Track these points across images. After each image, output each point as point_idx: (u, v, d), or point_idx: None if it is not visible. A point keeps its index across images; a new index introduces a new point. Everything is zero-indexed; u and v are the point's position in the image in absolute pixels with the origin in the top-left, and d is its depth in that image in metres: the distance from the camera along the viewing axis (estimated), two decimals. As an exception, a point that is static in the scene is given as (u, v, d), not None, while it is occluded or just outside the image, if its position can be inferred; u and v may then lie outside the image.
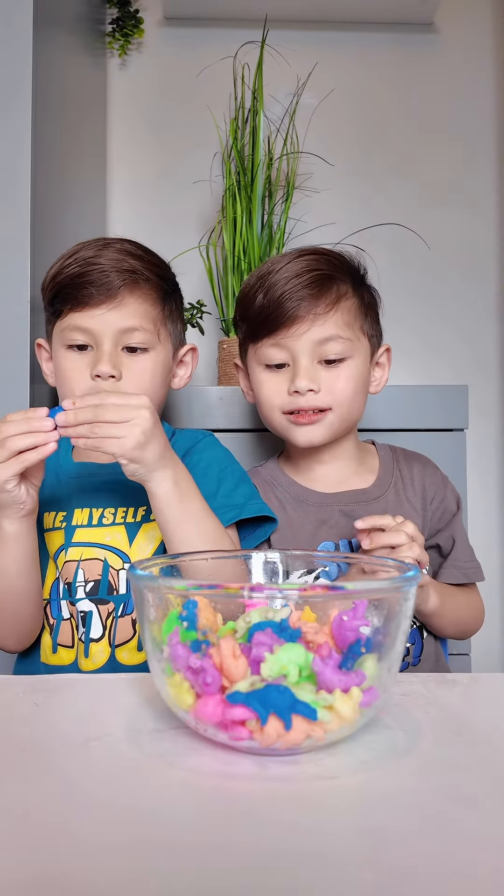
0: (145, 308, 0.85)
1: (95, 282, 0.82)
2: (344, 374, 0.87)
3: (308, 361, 0.86)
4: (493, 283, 1.69)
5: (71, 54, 1.34)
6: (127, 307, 0.84)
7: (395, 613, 0.46)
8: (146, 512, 0.86)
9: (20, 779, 0.42)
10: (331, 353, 0.86)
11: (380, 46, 1.67)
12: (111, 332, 0.83)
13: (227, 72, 1.45)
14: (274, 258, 0.91)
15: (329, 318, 0.86)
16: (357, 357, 0.89)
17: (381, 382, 0.96)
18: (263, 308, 0.87)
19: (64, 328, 0.85)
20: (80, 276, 0.83)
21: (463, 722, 0.51)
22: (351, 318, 0.88)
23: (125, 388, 0.83)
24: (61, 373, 0.85)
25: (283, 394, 0.88)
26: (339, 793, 0.40)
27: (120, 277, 0.83)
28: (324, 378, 0.87)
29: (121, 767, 0.43)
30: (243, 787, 0.41)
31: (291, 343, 0.86)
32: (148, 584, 0.47)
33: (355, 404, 0.90)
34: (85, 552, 0.84)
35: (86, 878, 0.32)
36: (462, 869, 0.33)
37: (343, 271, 0.90)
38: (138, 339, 0.84)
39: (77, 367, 0.84)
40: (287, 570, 0.62)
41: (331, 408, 0.87)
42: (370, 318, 0.92)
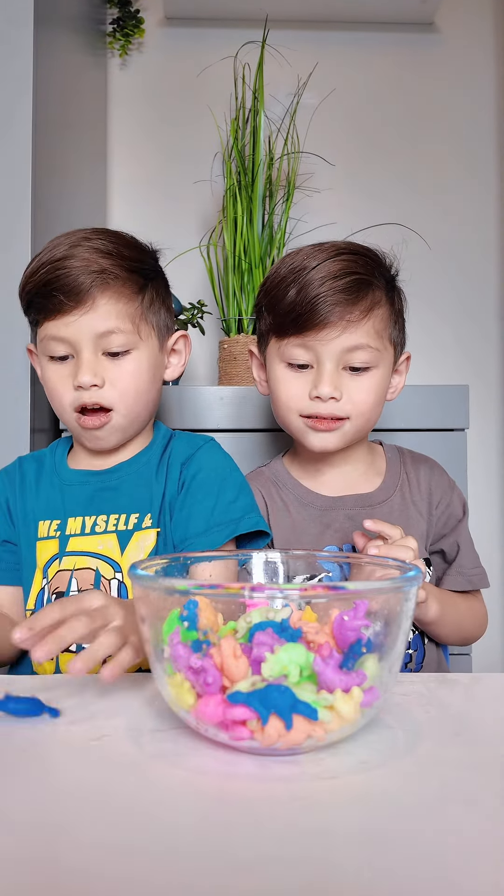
0: (119, 307, 0.81)
1: (63, 287, 0.79)
2: (367, 384, 0.85)
3: (333, 367, 0.84)
4: (493, 283, 1.69)
5: (71, 54, 1.34)
6: (99, 310, 0.80)
7: (396, 613, 0.46)
8: (138, 520, 0.83)
9: (21, 778, 0.42)
10: (357, 362, 0.84)
11: (380, 46, 1.67)
12: (88, 337, 0.80)
13: (228, 72, 1.45)
14: (307, 250, 0.86)
15: (361, 326, 0.83)
16: (382, 367, 0.86)
17: (397, 389, 0.93)
18: (295, 305, 0.83)
19: (42, 338, 0.82)
20: (48, 283, 0.79)
21: (463, 722, 0.51)
22: (382, 326, 0.86)
23: (109, 395, 0.81)
24: (46, 384, 0.84)
25: (304, 397, 0.85)
26: (340, 792, 0.40)
27: (89, 279, 0.79)
28: (347, 386, 0.84)
29: (121, 767, 0.43)
30: (244, 787, 0.41)
31: (319, 346, 0.83)
32: (149, 584, 0.47)
33: (374, 414, 0.88)
34: (78, 561, 0.82)
35: (86, 877, 0.32)
36: (462, 869, 0.33)
37: (379, 274, 0.86)
38: (118, 343, 0.81)
39: (59, 377, 0.82)
40: (288, 571, 0.62)
41: (349, 417, 0.85)
42: (398, 326, 0.90)
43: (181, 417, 1.16)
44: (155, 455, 0.88)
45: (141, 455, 0.88)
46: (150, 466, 0.87)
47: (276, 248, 1.35)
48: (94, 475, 0.86)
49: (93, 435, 0.83)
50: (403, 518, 0.91)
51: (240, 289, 1.33)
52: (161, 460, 0.88)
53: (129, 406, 0.83)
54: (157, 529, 0.83)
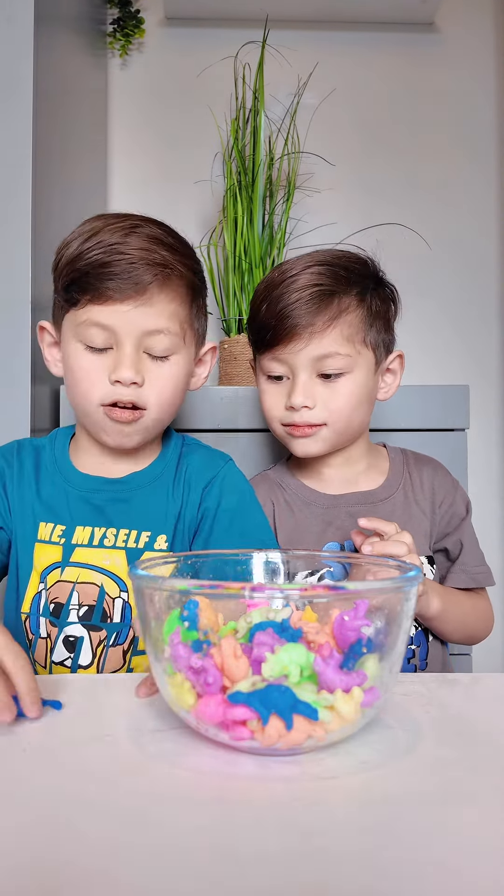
0: (174, 308, 0.77)
1: (122, 274, 0.73)
2: (342, 390, 0.87)
3: (306, 377, 0.86)
4: (494, 282, 1.68)
5: (72, 54, 1.34)
6: (155, 306, 0.75)
7: (397, 613, 0.46)
8: (150, 538, 0.80)
9: (22, 778, 0.42)
10: (329, 369, 0.86)
11: (381, 46, 1.67)
12: (135, 332, 0.75)
13: (228, 72, 1.45)
14: (291, 262, 0.89)
15: (327, 334, 0.85)
16: (357, 371, 0.87)
17: (391, 389, 0.94)
18: (265, 321, 0.87)
19: (81, 322, 0.76)
20: (104, 264, 0.73)
21: (464, 722, 0.51)
22: (352, 331, 0.86)
23: (146, 396, 0.76)
24: (76, 372, 0.77)
25: (281, 407, 0.89)
26: (340, 793, 0.40)
27: (151, 271, 0.74)
28: (320, 393, 0.86)
29: (122, 767, 0.43)
30: (244, 787, 0.41)
31: (290, 358, 0.86)
32: (149, 584, 0.47)
33: (354, 417, 0.89)
34: (82, 573, 0.78)
35: (87, 877, 0.32)
36: (463, 869, 0.33)
37: (349, 281, 0.87)
38: (163, 345, 0.77)
39: (95, 368, 0.76)
40: (289, 571, 0.62)
41: (326, 423, 0.87)
42: (376, 328, 0.89)
43: (182, 417, 1.16)
44: (169, 469, 0.85)
45: (154, 466, 0.85)
46: (165, 481, 0.84)
47: (277, 249, 1.35)
48: (105, 483, 0.82)
49: (120, 430, 0.78)
50: (406, 516, 0.91)
51: (240, 289, 1.33)
52: (176, 476, 0.84)
53: (163, 410, 0.79)
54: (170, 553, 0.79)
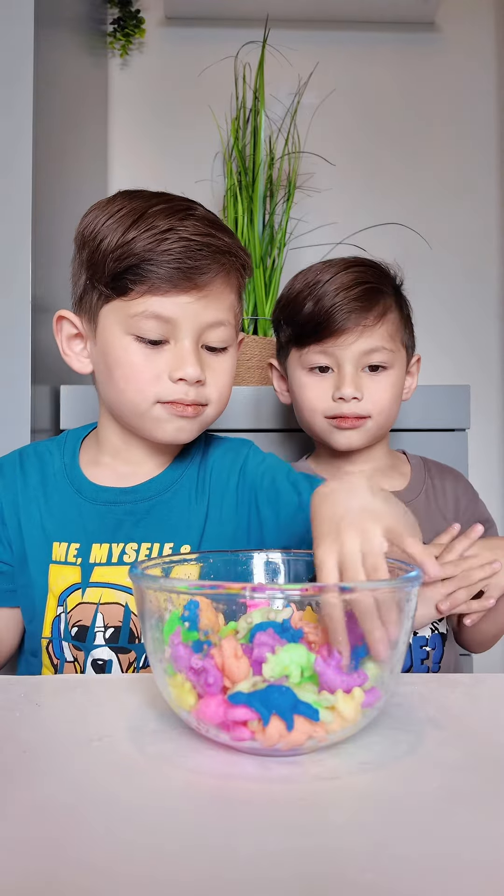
0: (233, 299, 0.73)
1: (184, 261, 0.67)
2: (385, 384, 0.91)
3: (353, 370, 0.89)
4: (495, 283, 1.68)
5: (72, 54, 1.34)
6: (217, 297, 0.71)
7: (398, 614, 0.46)
8: (173, 550, 0.74)
9: (22, 779, 0.42)
10: (375, 362, 0.90)
11: (381, 46, 1.67)
12: (196, 326, 0.70)
13: (229, 72, 1.45)
14: (318, 266, 0.93)
15: (376, 330, 0.89)
16: (397, 367, 0.92)
17: (410, 390, 0.99)
18: (313, 316, 0.89)
19: (135, 314, 0.69)
20: (167, 252, 0.67)
21: (465, 723, 0.51)
22: (394, 330, 0.92)
23: (209, 394, 0.73)
24: (128, 369, 0.71)
25: (327, 399, 0.91)
26: (341, 793, 0.40)
27: (217, 261, 0.69)
28: (366, 386, 0.90)
29: (123, 768, 0.43)
30: (245, 788, 0.41)
31: (338, 351, 0.89)
32: (149, 585, 0.47)
33: (392, 412, 0.93)
34: (104, 594, 0.72)
35: (87, 878, 0.32)
36: (464, 869, 0.33)
37: (387, 283, 0.93)
38: (221, 338, 0.72)
39: (151, 365, 0.70)
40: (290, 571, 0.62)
41: (370, 415, 0.90)
42: (408, 330, 0.96)
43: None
44: (190, 470, 0.79)
45: (172, 470, 0.78)
46: (187, 486, 0.77)
47: (277, 249, 1.35)
48: (121, 494, 0.76)
49: (180, 426, 0.72)
50: (428, 521, 0.91)
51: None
52: (199, 477, 0.78)
53: (222, 404, 0.75)
54: (200, 565, 0.64)
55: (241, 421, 1.17)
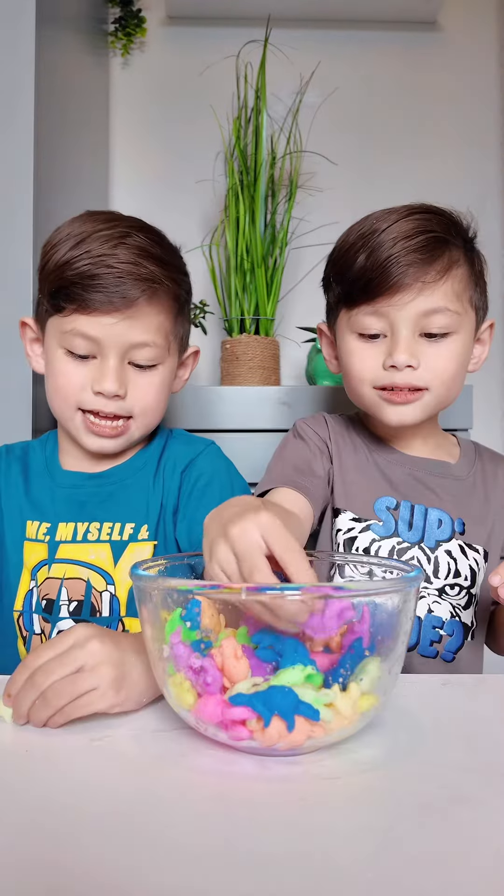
0: (160, 320, 0.78)
1: (109, 287, 0.73)
2: (447, 351, 0.78)
3: (409, 333, 0.77)
4: (496, 283, 1.68)
5: (73, 54, 1.34)
6: (141, 319, 0.76)
7: (398, 614, 0.46)
8: (134, 530, 0.80)
9: (24, 778, 0.42)
10: (435, 327, 0.77)
11: (383, 45, 1.66)
12: (120, 345, 0.76)
13: (230, 71, 1.45)
14: (378, 214, 0.81)
15: (438, 287, 0.77)
16: (463, 332, 0.79)
17: (480, 360, 0.87)
18: (365, 271, 0.77)
19: (66, 330, 0.76)
20: (91, 276, 0.73)
21: (466, 723, 0.51)
22: (461, 288, 0.79)
23: (130, 406, 0.78)
24: (58, 377, 0.78)
25: (378, 367, 0.79)
26: (341, 793, 0.40)
27: (138, 287, 0.74)
28: (425, 353, 0.77)
29: (123, 767, 0.43)
30: (245, 787, 0.41)
31: (393, 312, 0.77)
32: (150, 585, 0.47)
33: (455, 385, 0.81)
34: (69, 570, 0.78)
35: (88, 876, 0.32)
36: (464, 869, 0.33)
37: (456, 233, 0.81)
38: (148, 356, 0.77)
39: (77, 376, 0.77)
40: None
41: (428, 388, 0.79)
42: (479, 289, 0.84)
43: (183, 418, 1.16)
44: (152, 460, 0.85)
45: (136, 458, 0.85)
46: (147, 472, 0.84)
47: (279, 248, 1.35)
48: (87, 479, 0.83)
49: (99, 442, 0.79)
50: (476, 500, 0.86)
51: (242, 288, 1.33)
52: (158, 466, 0.85)
53: (149, 419, 0.81)
54: (154, 542, 0.79)
55: (242, 421, 1.17)
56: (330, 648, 0.47)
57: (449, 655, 0.84)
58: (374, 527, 0.83)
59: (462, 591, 0.83)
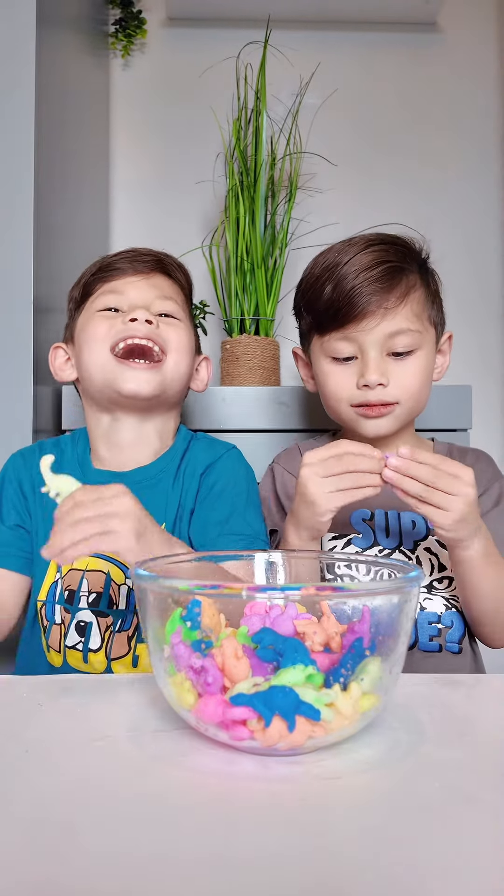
0: (176, 290, 0.90)
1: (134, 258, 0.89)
2: (412, 367, 0.87)
3: (377, 354, 0.86)
4: (496, 283, 1.68)
5: (74, 55, 1.34)
6: (161, 283, 0.89)
7: (398, 614, 0.46)
8: None
9: (24, 778, 0.42)
10: (399, 346, 0.86)
11: (383, 46, 1.67)
12: (144, 297, 0.87)
13: (230, 72, 1.45)
14: (338, 247, 0.90)
15: (399, 311, 0.85)
16: (425, 347, 0.88)
17: (442, 370, 0.95)
18: (333, 302, 0.86)
19: (96, 298, 0.89)
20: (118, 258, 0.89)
21: (466, 723, 0.51)
22: (420, 309, 0.88)
23: (163, 339, 0.85)
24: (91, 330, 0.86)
25: (352, 387, 0.87)
26: (342, 793, 0.40)
27: (158, 263, 0.90)
28: (392, 371, 0.86)
29: (123, 767, 0.43)
30: (246, 788, 0.41)
31: (361, 336, 0.86)
32: (150, 584, 0.47)
33: (422, 395, 0.90)
34: (90, 562, 0.83)
35: (88, 877, 0.32)
36: (465, 870, 0.33)
37: (411, 259, 0.90)
38: (170, 308, 0.88)
39: (109, 324, 0.85)
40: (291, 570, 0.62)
41: (398, 401, 0.87)
42: (436, 306, 0.92)
43: (183, 417, 1.16)
44: (174, 461, 0.89)
45: (161, 460, 0.89)
46: (168, 474, 0.88)
47: (279, 249, 1.35)
48: (115, 477, 0.86)
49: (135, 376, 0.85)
50: None
51: (242, 289, 1.33)
52: (179, 467, 0.88)
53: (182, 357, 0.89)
54: None
55: (242, 421, 1.17)
56: (330, 648, 0.47)
57: (454, 647, 0.85)
58: (354, 540, 0.89)
59: (452, 582, 0.87)
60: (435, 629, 0.85)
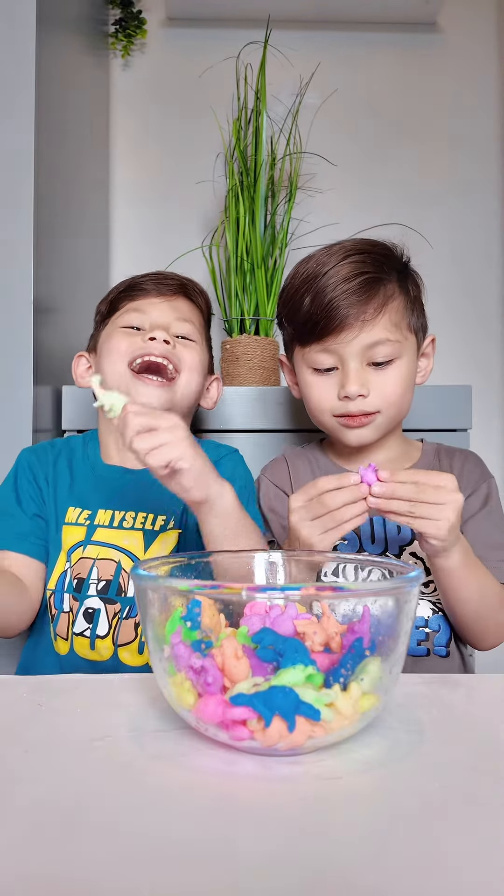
0: (197, 314, 0.97)
1: (158, 280, 0.96)
2: (393, 376, 0.87)
3: (357, 365, 0.86)
4: (496, 283, 1.68)
5: (74, 55, 1.34)
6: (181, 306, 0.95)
7: (398, 614, 0.46)
8: (165, 522, 0.89)
9: (24, 778, 0.42)
10: (379, 356, 0.87)
11: (383, 46, 1.67)
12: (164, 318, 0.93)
13: (230, 72, 1.45)
14: (318, 255, 0.90)
15: (377, 322, 0.86)
16: (405, 355, 0.89)
17: (426, 373, 0.95)
18: (311, 314, 0.87)
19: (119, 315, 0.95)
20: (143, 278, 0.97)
21: (466, 723, 0.51)
22: (399, 317, 0.88)
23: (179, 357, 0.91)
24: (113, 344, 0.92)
25: (333, 398, 0.88)
26: (342, 793, 0.40)
27: (181, 285, 0.96)
28: (373, 381, 0.87)
29: (123, 768, 0.43)
30: (246, 788, 0.41)
31: (341, 348, 0.86)
32: (150, 584, 0.47)
33: (404, 403, 0.90)
34: (101, 551, 0.86)
35: (88, 877, 0.32)
36: (465, 869, 0.33)
37: (389, 268, 0.89)
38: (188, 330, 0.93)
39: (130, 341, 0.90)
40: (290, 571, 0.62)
41: (379, 410, 0.88)
42: (416, 312, 0.92)
43: (183, 418, 1.16)
44: None
45: None
46: None
47: (279, 249, 1.35)
48: (126, 472, 0.92)
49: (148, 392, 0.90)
50: None
51: (242, 289, 1.33)
52: None
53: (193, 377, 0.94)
54: (179, 531, 0.89)
55: (242, 421, 1.17)
56: (330, 648, 0.47)
57: (442, 650, 0.86)
58: (340, 547, 0.90)
59: None
60: (423, 633, 0.86)
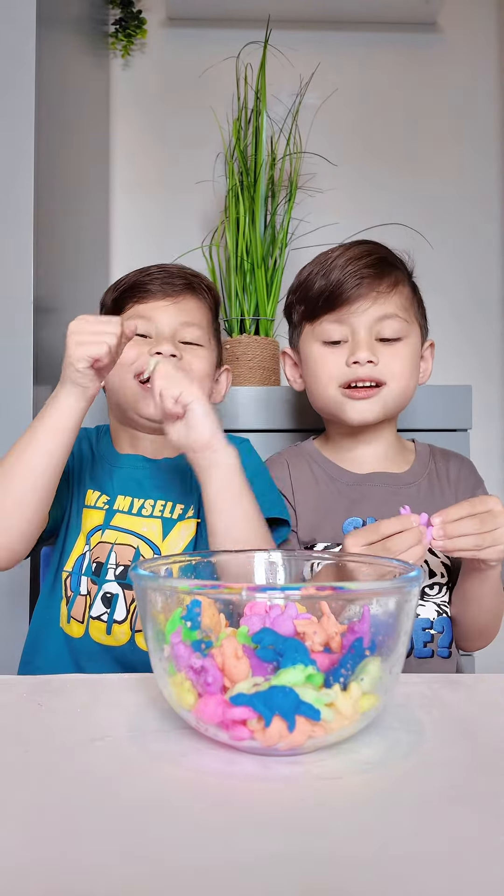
0: (204, 312, 0.96)
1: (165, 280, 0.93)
2: (400, 353, 0.90)
3: (367, 336, 0.89)
4: (496, 283, 1.68)
5: (74, 55, 1.34)
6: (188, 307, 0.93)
7: (398, 614, 0.46)
8: (183, 510, 0.90)
9: (24, 778, 0.42)
10: (388, 331, 0.89)
11: (383, 46, 1.67)
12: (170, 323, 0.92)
13: (230, 72, 1.45)
14: (328, 250, 0.94)
15: (390, 297, 0.89)
16: (412, 338, 0.91)
17: (426, 374, 0.97)
18: (325, 288, 0.89)
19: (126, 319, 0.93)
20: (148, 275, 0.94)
21: (466, 723, 0.51)
22: (408, 303, 0.92)
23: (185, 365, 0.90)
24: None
25: (342, 366, 0.89)
26: (342, 793, 0.40)
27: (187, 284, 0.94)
28: (382, 354, 0.89)
29: (124, 767, 0.43)
30: (246, 788, 0.41)
31: (353, 318, 0.89)
32: (150, 584, 0.47)
33: (410, 384, 0.92)
34: (120, 537, 0.87)
35: (88, 877, 0.32)
36: (465, 870, 0.33)
37: (398, 261, 0.94)
38: (195, 335, 0.93)
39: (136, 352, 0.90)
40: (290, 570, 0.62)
41: (387, 382, 0.89)
42: (420, 311, 0.96)
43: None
44: None
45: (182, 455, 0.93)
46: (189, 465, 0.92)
47: (279, 249, 1.35)
48: (145, 461, 0.93)
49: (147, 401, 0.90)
50: (429, 502, 0.92)
51: (242, 289, 1.33)
52: None
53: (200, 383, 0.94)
54: (198, 520, 0.89)
55: (242, 421, 1.17)
56: (330, 648, 0.47)
57: (444, 652, 0.88)
58: None
59: (443, 589, 0.89)
60: (428, 635, 0.87)
